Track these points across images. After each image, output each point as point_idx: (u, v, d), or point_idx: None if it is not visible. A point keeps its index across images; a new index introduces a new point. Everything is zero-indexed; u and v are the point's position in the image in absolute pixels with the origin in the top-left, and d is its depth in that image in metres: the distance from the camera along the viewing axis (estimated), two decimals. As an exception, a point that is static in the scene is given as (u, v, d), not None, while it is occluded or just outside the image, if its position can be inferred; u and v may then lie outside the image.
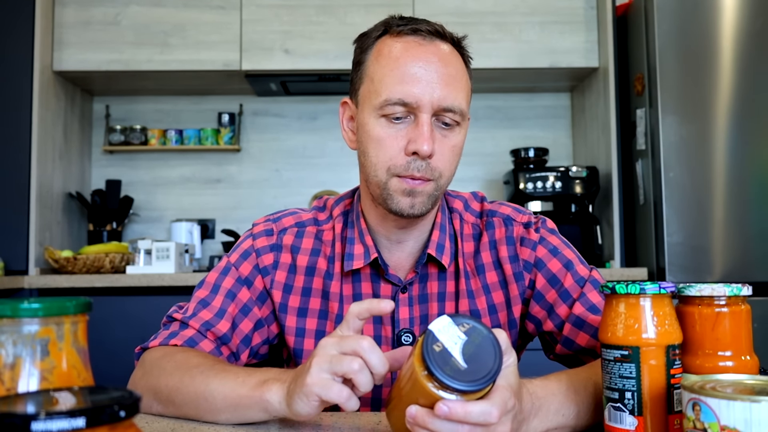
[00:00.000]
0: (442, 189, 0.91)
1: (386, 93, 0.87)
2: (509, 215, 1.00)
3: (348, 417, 0.82)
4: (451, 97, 0.87)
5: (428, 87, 0.86)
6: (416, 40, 0.89)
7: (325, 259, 0.98)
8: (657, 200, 2.35)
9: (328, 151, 3.03)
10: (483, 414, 0.57)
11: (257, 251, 0.98)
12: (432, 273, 0.97)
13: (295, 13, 2.64)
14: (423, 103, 0.86)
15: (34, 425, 0.35)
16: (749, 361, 0.67)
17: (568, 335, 0.92)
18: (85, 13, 2.63)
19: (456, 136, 0.90)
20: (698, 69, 2.33)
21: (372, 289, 0.96)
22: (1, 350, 0.47)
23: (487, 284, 0.97)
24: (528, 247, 0.97)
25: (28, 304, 0.48)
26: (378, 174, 0.89)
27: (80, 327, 0.51)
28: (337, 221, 1.00)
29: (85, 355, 0.52)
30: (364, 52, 0.95)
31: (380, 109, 0.88)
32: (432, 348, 0.58)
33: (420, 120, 0.86)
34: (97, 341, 2.38)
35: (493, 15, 2.63)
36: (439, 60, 0.88)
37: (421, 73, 0.86)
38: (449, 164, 0.90)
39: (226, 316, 0.93)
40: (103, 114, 3.00)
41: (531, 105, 3.05)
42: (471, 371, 0.57)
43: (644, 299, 0.64)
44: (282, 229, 1.00)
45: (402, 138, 0.87)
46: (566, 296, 0.93)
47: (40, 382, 0.47)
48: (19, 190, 2.47)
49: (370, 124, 0.89)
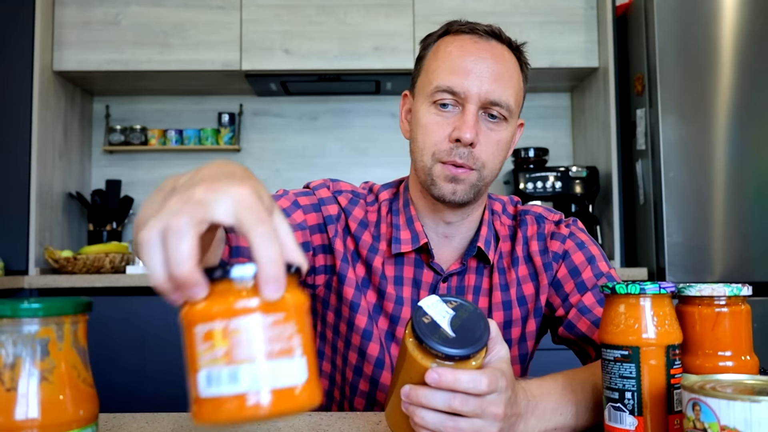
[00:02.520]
0: (485, 180, 0.94)
1: (438, 81, 0.91)
2: (541, 213, 1.04)
3: (348, 417, 0.82)
4: (499, 91, 0.90)
5: (477, 80, 0.90)
6: (472, 38, 0.94)
7: (371, 235, 0.99)
8: (657, 200, 2.35)
9: (328, 151, 3.03)
10: (472, 381, 0.59)
11: (321, 200, 0.99)
12: (471, 266, 1.00)
13: (295, 13, 2.64)
14: (471, 94, 0.89)
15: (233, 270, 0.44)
16: (749, 361, 0.67)
17: (571, 319, 0.95)
18: (85, 13, 2.63)
19: (502, 131, 0.93)
20: (698, 69, 2.33)
21: (414, 273, 0.99)
22: (1, 350, 0.47)
23: (518, 277, 1.00)
24: (558, 240, 1.01)
25: (28, 304, 0.48)
26: (424, 159, 0.93)
27: (80, 327, 0.51)
28: (383, 205, 1.02)
29: (85, 355, 0.52)
30: (425, 49, 0.99)
31: (431, 96, 0.92)
32: (421, 320, 0.61)
33: (466, 110, 0.90)
34: (97, 341, 2.38)
35: (493, 15, 2.63)
36: (491, 57, 0.92)
37: (472, 66, 0.90)
38: (493, 157, 0.93)
39: None
40: (103, 114, 3.00)
41: (531, 105, 3.05)
42: (459, 339, 0.60)
43: (644, 299, 0.64)
44: (337, 190, 1.02)
45: (448, 125, 0.91)
46: (582, 287, 0.97)
47: (40, 382, 0.47)
48: (19, 190, 2.47)
49: (421, 111, 0.94)
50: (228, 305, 0.43)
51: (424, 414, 0.61)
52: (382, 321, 0.99)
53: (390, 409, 0.68)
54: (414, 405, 0.61)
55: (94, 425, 0.51)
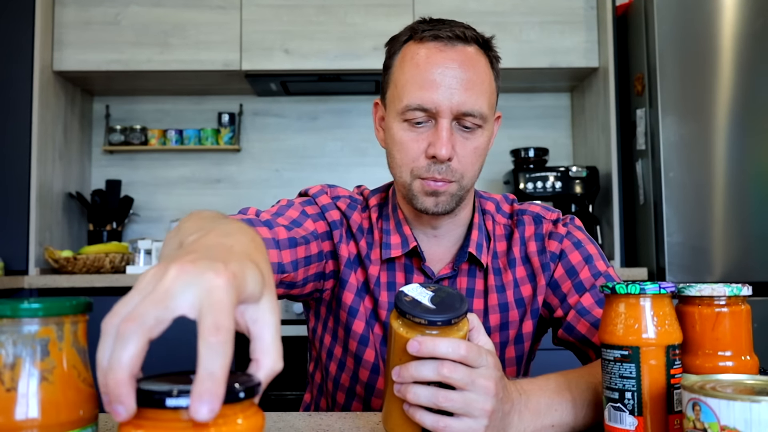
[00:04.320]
0: (465, 188, 0.93)
1: (407, 99, 0.89)
2: (539, 213, 1.03)
3: (348, 417, 0.82)
4: (471, 101, 0.88)
5: (447, 92, 0.88)
6: (437, 46, 0.91)
7: (366, 243, 1.00)
8: (657, 200, 2.35)
9: (328, 151, 3.03)
10: (451, 345, 0.61)
11: (323, 207, 1.00)
12: (463, 269, 0.99)
13: (295, 13, 2.64)
14: (442, 108, 0.88)
15: (168, 401, 0.40)
16: (749, 361, 0.67)
17: (570, 321, 0.95)
18: (85, 13, 2.63)
19: (478, 138, 0.91)
20: (698, 69, 2.33)
21: (405, 279, 0.99)
22: (1, 350, 0.47)
23: (516, 278, 0.99)
24: (555, 240, 1.00)
25: (28, 304, 0.48)
26: (402, 175, 0.93)
27: (80, 327, 0.51)
28: (372, 211, 1.03)
29: (85, 355, 0.52)
30: (391, 57, 0.97)
31: (402, 114, 0.90)
32: (403, 299, 0.64)
33: (439, 125, 0.88)
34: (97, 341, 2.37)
35: (493, 15, 2.63)
36: (459, 65, 0.89)
37: (440, 78, 0.88)
38: (471, 165, 0.92)
39: (288, 228, 0.92)
40: (103, 114, 3.00)
41: (531, 105, 3.05)
42: (439, 310, 0.63)
43: (644, 299, 0.64)
44: (336, 196, 1.03)
45: (423, 141, 0.90)
46: (580, 287, 0.96)
47: (40, 382, 0.47)
48: (19, 190, 2.47)
49: (394, 128, 0.92)
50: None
51: (416, 389, 0.61)
52: (377, 328, 0.99)
53: (386, 410, 0.68)
54: (405, 384, 0.62)
55: (94, 425, 0.51)
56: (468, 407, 0.62)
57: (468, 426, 0.62)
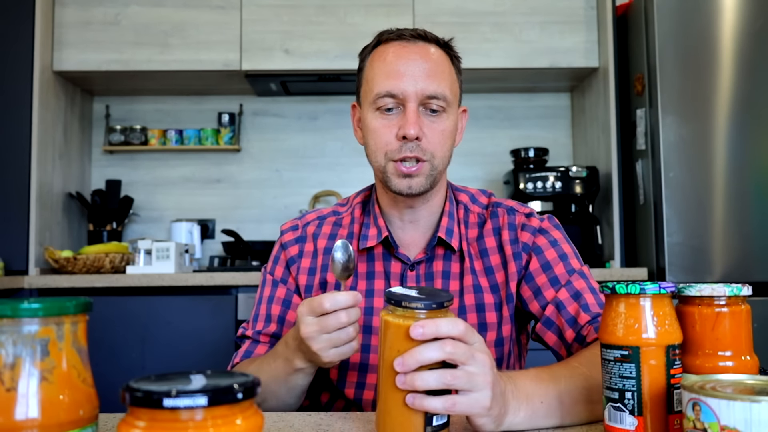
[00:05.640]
0: (437, 169, 1.01)
1: (377, 88, 1.00)
2: (513, 206, 1.11)
3: (348, 417, 0.82)
4: (434, 85, 0.99)
5: (411, 79, 0.98)
6: (401, 44, 1.02)
7: (347, 235, 1.10)
8: (657, 200, 2.35)
9: (328, 151, 3.03)
10: (450, 323, 0.65)
11: (283, 245, 1.12)
12: (438, 254, 1.07)
13: (295, 13, 2.64)
14: (408, 93, 0.98)
15: (165, 401, 0.42)
16: (749, 361, 0.67)
17: (549, 316, 1.01)
18: (85, 13, 2.63)
19: (444, 121, 1.01)
20: (698, 69, 2.33)
21: (384, 267, 1.07)
22: (1, 350, 0.47)
23: (491, 266, 1.06)
24: (528, 231, 1.06)
25: (28, 304, 0.48)
26: (378, 160, 1.02)
27: (80, 327, 0.51)
28: (356, 207, 1.14)
29: (85, 355, 0.52)
30: (363, 61, 1.08)
31: (374, 103, 1.01)
32: (393, 295, 0.68)
33: (407, 109, 0.98)
34: (97, 341, 2.38)
35: (493, 15, 2.63)
36: (421, 57, 1.00)
37: (405, 68, 0.99)
38: (440, 146, 1.01)
39: (272, 318, 1.08)
40: (103, 114, 3.00)
41: (531, 105, 3.05)
42: (429, 298, 0.67)
43: (644, 299, 0.65)
44: (306, 223, 1.14)
45: (394, 126, 1.00)
46: (555, 282, 1.02)
47: (40, 382, 0.47)
48: (19, 190, 2.47)
49: (368, 118, 1.03)
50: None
51: (424, 375, 0.64)
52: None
53: (383, 412, 0.68)
54: (411, 373, 0.64)
55: (94, 425, 0.51)
56: (472, 381, 0.65)
57: (475, 399, 0.66)
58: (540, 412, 0.74)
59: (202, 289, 2.32)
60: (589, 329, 0.96)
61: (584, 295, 0.99)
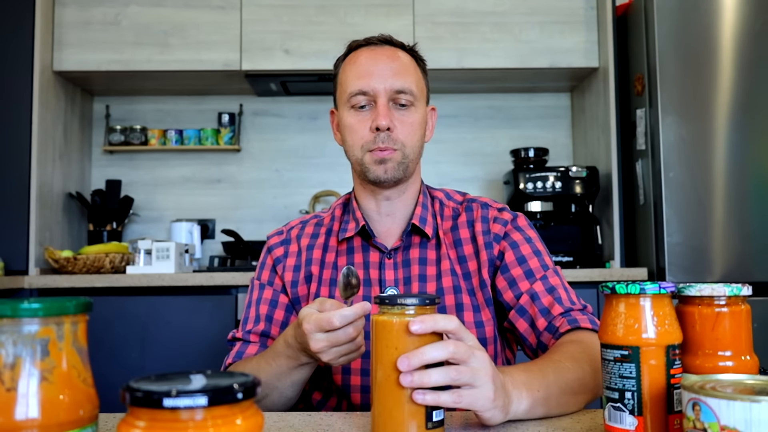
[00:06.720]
0: (409, 158, 1.10)
1: (350, 88, 1.09)
2: (487, 202, 1.18)
3: (348, 417, 0.82)
4: (400, 81, 1.08)
5: (380, 78, 1.08)
6: (370, 48, 1.12)
7: (324, 235, 1.17)
8: (657, 200, 2.35)
9: (328, 151, 3.03)
10: (446, 318, 0.68)
11: (269, 248, 1.19)
12: (414, 242, 1.14)
13: (295, 13, 2.64)
14: (378, 90, 1.07)
15: (165, 401, 0.42)
16: (749, 361, 0.67)
17: (523, 305, 1.06)
18: (85, 13, 2.63)
19: (413, 114, 1.10)
20: (698, 69, 2.33)
21: (363, 258, 1.13)
22: (1, 350, 0.47)
23: (464, 255, 1.13)
24: (499, 223, 1.13)
25: (28, 304, 0.48)
26: (355, 153, 1.11)
27: (80, 327, 0.51)
28: (336, 209, 1.21)
29: (85, 355, 0.52)
30: (336, 68, 1.17)
31: (348, 101, 1.10)
32: (384, 296, 0.70)
33: (378, 104, 1.08)
34: (97, 341, 2.38)
35: (493, 15, 2.63)
36: (387, 58, 1.10)
37: (374, 68, 1.09)
38: (410, 136, 1.09)
39: (260, 318, 1.13)
40: (103, 114, 3.00)
41: (531, 105, 3.05)
42: (419, 296, 0.69)
43: (644, 299, 0.65)
44: (290, 228, 1.22)
45: (367, 121, 1.09)
46: (529, 274, 1.08)
47: (40, 382, 0.47)
48: (19, 190, 2.47)
49: (344, 117, 1.11)
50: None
51: (431, 373, 0.66)
52: None
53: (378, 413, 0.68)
54: (417, 371, 0.66)
55: (94, 425, 0.51)
56: (474, 376, 0.68)
57: (479, 392, 0.68)
58: (539, 401, 0.77)
59: (202, 289, 2.32)
60: (562, 321, 1.01)
61: (558, 290, 1.05)
